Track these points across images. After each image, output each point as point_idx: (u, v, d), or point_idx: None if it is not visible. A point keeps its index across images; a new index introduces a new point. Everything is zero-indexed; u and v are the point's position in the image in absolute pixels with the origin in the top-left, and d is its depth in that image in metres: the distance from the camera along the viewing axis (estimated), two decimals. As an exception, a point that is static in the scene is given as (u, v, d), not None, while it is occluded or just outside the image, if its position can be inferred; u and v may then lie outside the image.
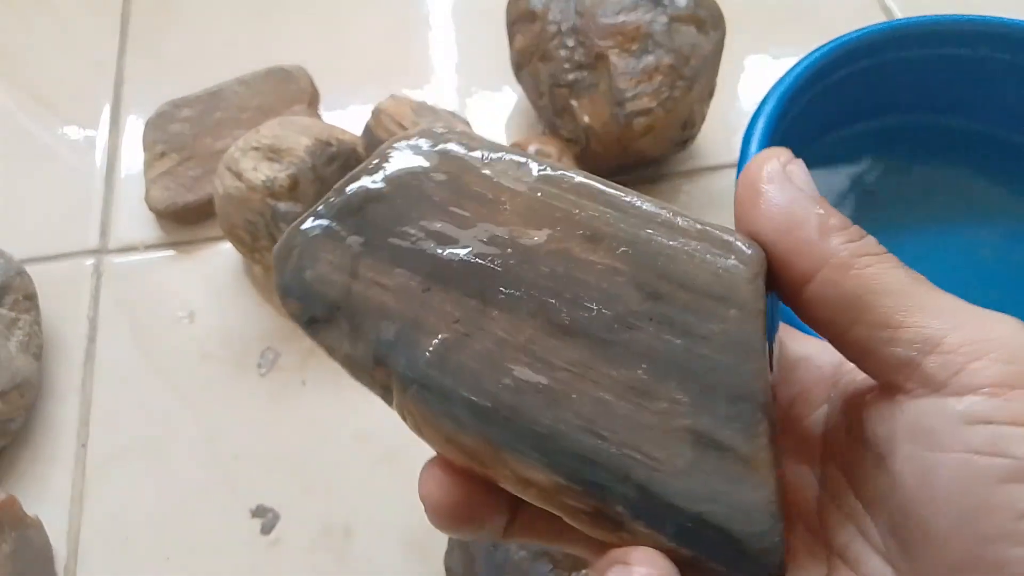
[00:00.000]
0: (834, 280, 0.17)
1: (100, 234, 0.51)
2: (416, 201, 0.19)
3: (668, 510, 0.17)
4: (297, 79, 0.54)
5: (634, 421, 0.17)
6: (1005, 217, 0.47)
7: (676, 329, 0.17)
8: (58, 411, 0.45)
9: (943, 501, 0.15)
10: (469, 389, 0.17)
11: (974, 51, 0.45)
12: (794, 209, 0.18)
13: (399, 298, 0.18)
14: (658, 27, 0.44)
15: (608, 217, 0.18)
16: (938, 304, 0.16)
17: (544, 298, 0.18)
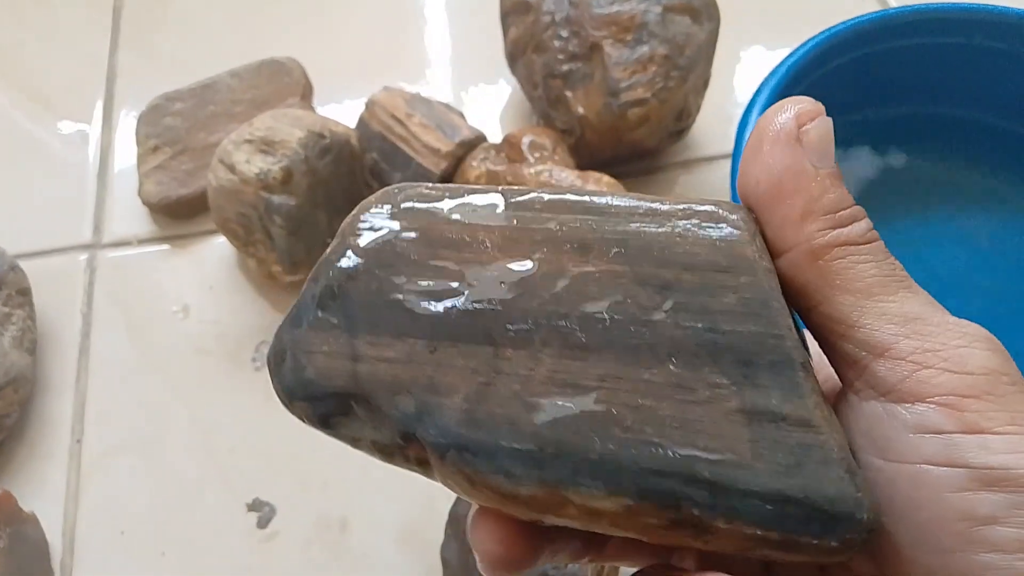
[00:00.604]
0: (799, 265, 0.17)
1: (93, 229, 0.51)
2: (394, 265, 0.18)
3: (744, 498, 0.16)
4: (290, 71, 0.54)
5: (682, 418, 0.16)
6: (1001, 205, 0.47)
7: (693, 313, 0.17)
8: (53, 406, 0.45)
9: (904, 513, 0.15)
10: (508, 438, 0.17)
11: (968, 39, 0.44)
12: (786, 179, 0.17)
13: (408, 367, 0.17)
14: (652, 17, 0.43)
15: (590, 224, 0.18)
16: (897, 309, 0.16)
17: (553, 323, 0.17)
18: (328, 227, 0.46)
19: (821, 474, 0.16)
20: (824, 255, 0.16)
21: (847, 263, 0.16)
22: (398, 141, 0.47)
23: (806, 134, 0.17)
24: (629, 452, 0.16)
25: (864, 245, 0.17)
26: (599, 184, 0.42)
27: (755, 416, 0.16)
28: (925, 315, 0.16)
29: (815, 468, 0.16)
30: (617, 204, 0.18)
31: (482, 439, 0.17)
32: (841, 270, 0.16)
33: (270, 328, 0.47)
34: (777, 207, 0.17)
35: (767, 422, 0.16)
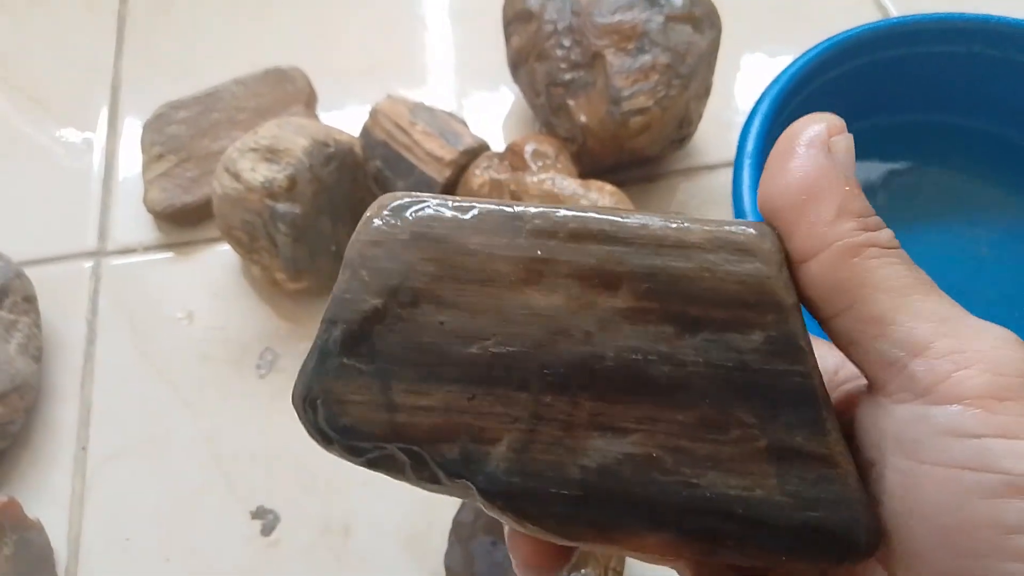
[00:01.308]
0: (833, 264, 0.17)
1: (98, 236, 0.52)
2: (417, 304, 0.18)
3: (772, 531, 0.17)
4: (294, 80, 0.54)
5: (716, 458, 0.17)
6: (1001, 213, 0.47)
7: (722, 351, 0.17)
8: (58, 413, 0.45)
9: (929, 516, 0.15)
10: (556, 484, 0.17)
11: (968, 48, 0.45)
12: (819, 181, 0.17)
13: (448, 415, 0.17)
14: (654, 26, 0.44)
15: (618, 255, 0.18)
16: (933, 308, 0.16)
17: (589, 365, 0.17)
18: (332, 234, 0.46)
19: (840, 505, 0.17)
20: (860, 253, 0.16)
21: (881, 263, 0.16)
22: (401, 149, 0.47)
23: (835, 144, 0.18)
24: (669, 493, 0.17)
25: (892, 250, 0.17)
26: (602, 192, 0.42)
27: (780, 452, 0.17)
28: (958, 316, 0.16)
29: (834, 501, 0.17)
30: (642, 233, 0.18)
31: (531, 487, 0.17)
32: (877, 268, 0.16)
33: (274, 335, 0.47)
34: (810, 208, 0.17)
35: (791, 458, 0.17)
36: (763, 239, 0.18)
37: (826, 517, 0.16)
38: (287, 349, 0.46)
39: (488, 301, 0.17)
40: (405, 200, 0.18)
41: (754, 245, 0.17)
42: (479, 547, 0.35)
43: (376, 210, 0.18)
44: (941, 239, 0.46)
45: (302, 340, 0.47)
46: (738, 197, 0.38)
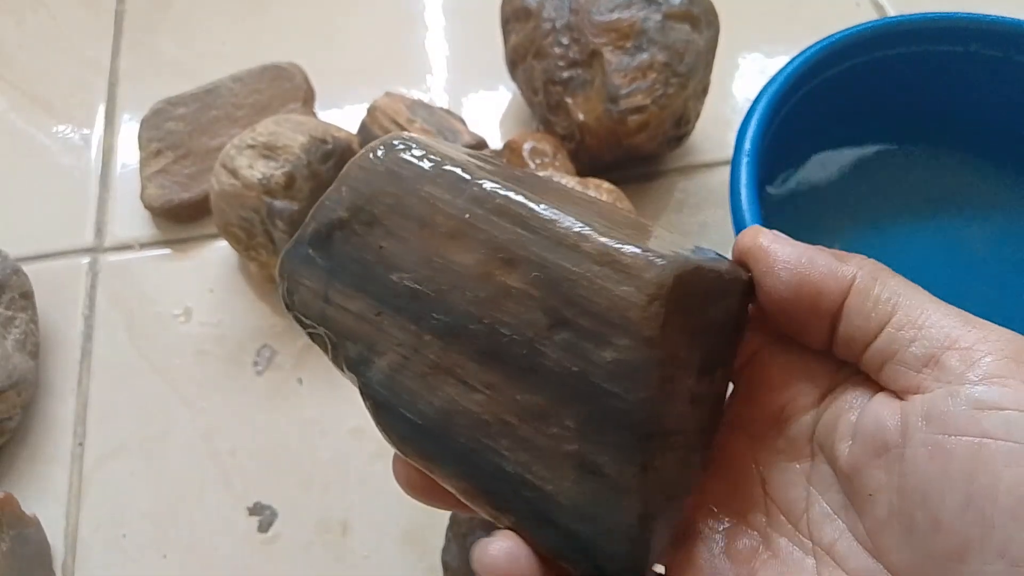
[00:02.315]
0: (864, 291, 0.19)
1: (96, 232, 0.51)
2: (370, 225, 0.21)
3: (548, 526, 0.18)
4: (292, 76, 0.54)
5: (531, 443, 0.18)
6: (997, 212, 0.47)
7: (576, 355, 0.18)
8: (55, 409, 0.45)
9: (954, 482, 0.16)
10: (407, 408, 0.20)
11: (965, 48, 0.45)
12: (803, 250, 0.20)
13: (359, 322, 0.21)
14: (652, 24, 0.44)
15: (523, 240, 0.19)
16: (947, 310, 0.18)
17: (467, 324, 0.19)
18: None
19: (612, 534, 0.18)
20: (880, 277, 0.19)
21: (898, 282, 0.19)
22: (399, 146, 0.47)
23: (780, 235, 0.21)
24: (482, 454, 0.19)
25: (893, 272, 0.20)
26: (599, 191, 0.42)
27: (584, 464, 0.18)
28: (967, 316, 0.18)
29: (609, 528, 0.18)
30: (549, 227, 0.19)
31: (391, 402, 0.20)
32: (900, 285, 0.19)
33: (271, 331, 0.47)
34: (815, 264, 0.20)
35: (591, 473, 0.18)
36: (654, 270, 0.17)
37: (594, 537, 0.18)
38: (284, 346, 0.46)
39: (419, 242, 0.20)
40: (398, 141, 0.21)
41: (638, 271, 0.18)
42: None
43: (378, 143, 0.21)
44: (938, 238, 0.47)
45: (299, 337, 0.47)
46: (735, 194, 0.38)
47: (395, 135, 0.21)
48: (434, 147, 0.21)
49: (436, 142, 0.22)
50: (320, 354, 0.46)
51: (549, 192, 0.20)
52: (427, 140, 0.21)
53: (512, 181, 0.20)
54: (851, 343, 0.19)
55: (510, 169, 0.22)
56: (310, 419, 0.44)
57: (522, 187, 0.20)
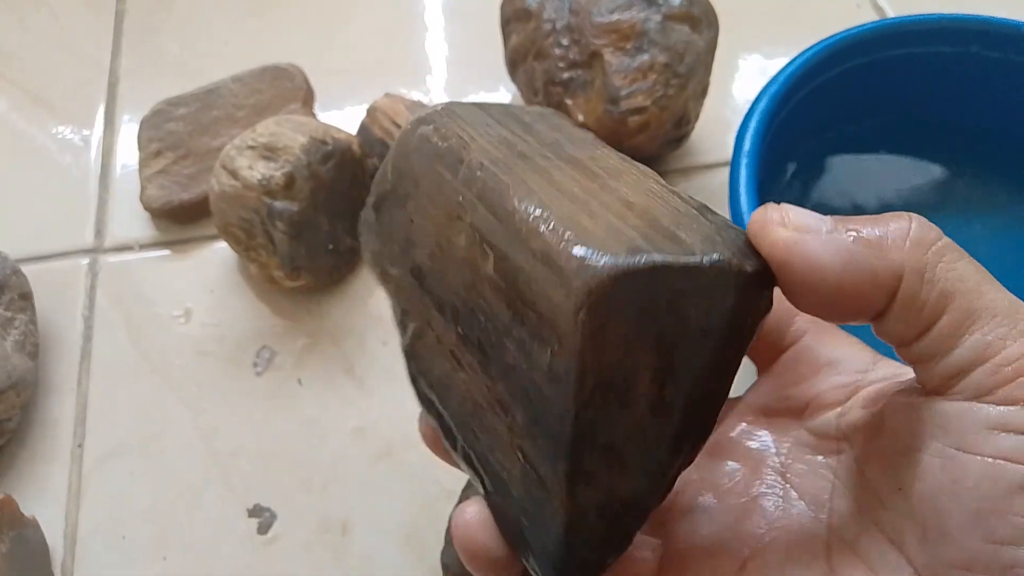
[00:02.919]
0: (910, 296, 0.16)
1: (95, 233, 0.51)
2: (405, 199, 0.22)
3: (504, 511, 0.20)
4: (292, 77, 0.54)
5: (494, 429, 0.19)
6: (999, 212, 0.47)
7: (524, 352, 0.18)
8: (54, 410, 0.45)
9: (965, 499, 0.16)
10: (418, 372, 0.22)
11: (965, 49, 0.45)
12: (834, 249, 0.17)
13: (399, 287, 0.22)
14: (652, 25, 0.44)
15: (493, 227, 0.18)
16: (1003, 306, 0.16)
17: (458, 306, 0.20)
18: (330, 232, 0.46)
19: (544, 532, 0.19)
20: (934, 264, 0.17)
21: (954, 270, 0.17)
22: (399, 147, 0.47)
23: (788, 212, 0.18)
24: (463, 432, 0.21)
25: (949, 247, 0.17)
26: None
27: (527, 460, 0.19)
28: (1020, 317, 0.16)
29: (542, 525, 0.19)
30: (514, 217, 0.18)
31: (412, 363, 0.22)
32: (954, 278, 0.17)
33: (271, 332, 0.47)
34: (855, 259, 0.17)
35: (531, 470, 0.19)
36: (583, 276, 0.16)
37: (532, 531, 0.19)
38: (284, 347, 0.46)
39: (433, 221, 0.20)
40: (426, 115, 0.22)
41: (569, 275, 0.16)
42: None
43: (416, 116, 0.22)
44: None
45: (299, 338, 0.47)
46: (735, 195, 0.38)
47: (435, 108, 0.22)
48: (453, 123, 0.21)
49: (476, 110, 0.22)
50: (320, 355, 0.46)
51: (564, 168, 0.19)
52: (461, 111, 0.21)
53: (518, 158, 0.19)
54: (889, 338, 0.18)
55: (551, 135, 0.22)
56: (310, 420, 0.44)
57: (521, 166, 0.19)
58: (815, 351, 0.21)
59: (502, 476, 0.19)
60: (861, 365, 0.20)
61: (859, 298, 0.17)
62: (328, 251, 0.46)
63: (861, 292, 0.16)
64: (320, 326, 0.47)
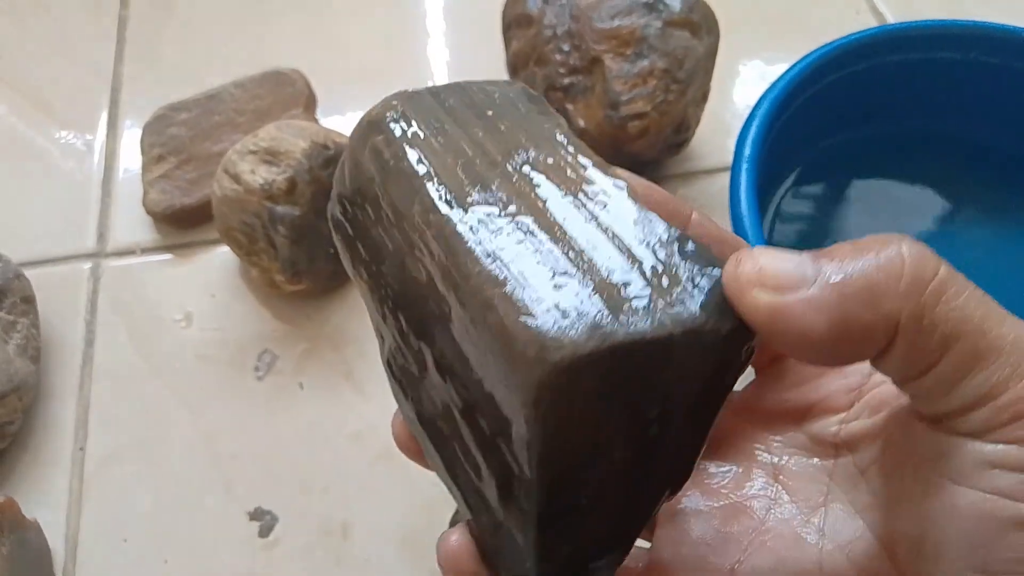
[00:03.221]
0: (909, 344, 0.15)
1: (97, 237, 0.52)
2: (363, 209, 0.20)
3: (483, 534, 0.20)
4: (294, 82, 0.54)
5: (466, 472, 0.20)
6: (996, 217, 0.47)
7: (473, 378, 0.17)
8: (56, 413, 0.45)
9: (959, 530, 0.16)
10: (401, 391, 0.22)
11: (965, 55, 0.45)
12: (826, 312, 0.15)
13: (372, 294, 0.21)
14: (652, 31, 0.44)
15: (449, 279, 0.17)
16: (1007, 344, 0.15)
17: (424, 340, 0.19)
18: (331, 236, 0.46)
19: (520, 560, 0.18)
20: (934, 304, 0.15)
21: (958, 306, 0.15)
22: (401, 152, 0.47)
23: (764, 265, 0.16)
24: (440, 452, 0.21)
25: (953, 278, 0.15)
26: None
27: (501, 508, 0.18)
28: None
29: (519, 556, 0.18)
30: (467, 283, 0.16)
31: (394, 387, 0.23)
32: (957, 318, 0.15)
33: (272, 336, 0.47)
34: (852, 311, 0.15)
35: (504, 513, 0.18)
36: (539, 367, 0.14)
37: (506, 555, 0.19)
38: (285, 351, 0.46)
39: (393, 240, 0.19)
40: (377, 118, 0.20)
41: (526, 365, 0.15)
42: (476, 548, 0.35)
43: (366, 116, 0.20)
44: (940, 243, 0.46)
45: (300, 342, 0.47)
46: (735, 200, 0.38)
47: (387, 102, 0.20)
48: (407, 130, 0.19)
49: (433, 104, 0.20)
50: (320, 359, 0.46)
51: (523, 200, 0.17)
52: (415, 108, 0.19)
53: (475, 188, 0.18)
54: (886, 373, 0.17)
55: (512, 136, 0.19)
56: (310, 423, 0.44)
57: (477, 206, 0.17)
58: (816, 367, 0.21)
59: (476, 502, 0.19)
60: (867, 367, 0.19)
61: (853, 352, 0.16)
62: (329, 255, 0.46)
63: (855, 347, 0.15)
64: (321, 330, 0.47)
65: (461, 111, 0.20)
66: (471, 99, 0.20)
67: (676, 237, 0.17)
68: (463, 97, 0.20)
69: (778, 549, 0.20)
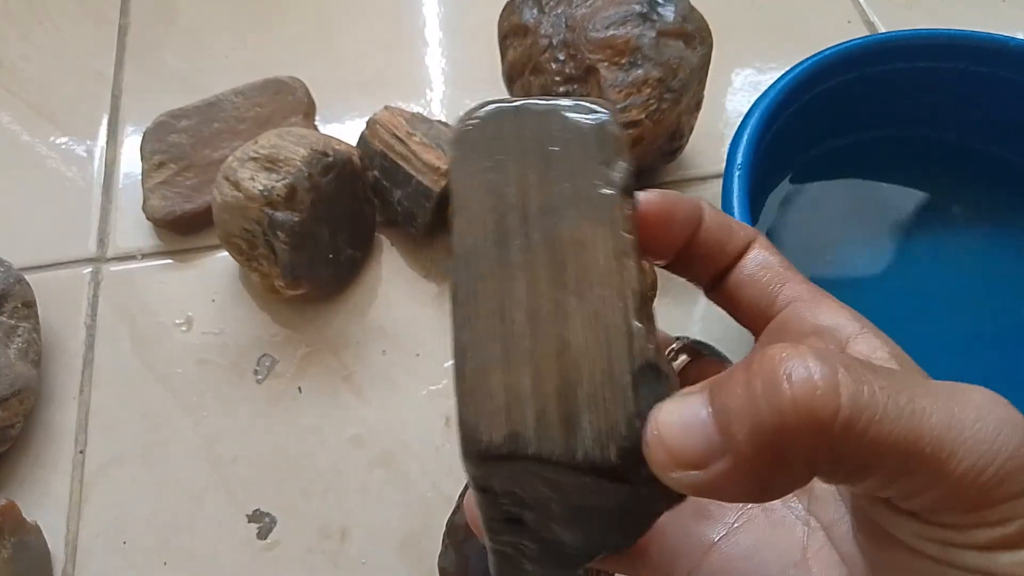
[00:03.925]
0: (831, 476, 0.15)
1: (98, 243, 0.52)
2: None
3: None
4: (294, 90, 0.55)
5: None
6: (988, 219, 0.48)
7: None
8: (57, 417, 0.45)
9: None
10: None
11: (955, 64, 0.46)
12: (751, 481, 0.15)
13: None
14: (646, 41, 0.45)
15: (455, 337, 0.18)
16: (935, 436, 0.14)
17: None
18: (330, 242, 0.46)
19: None
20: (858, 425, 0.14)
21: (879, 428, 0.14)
22: (399, 159, 0.48)
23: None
24: None
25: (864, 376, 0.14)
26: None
27: None
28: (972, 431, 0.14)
29: None
30: (459, 355, 0.17)
31: None
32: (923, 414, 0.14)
33: (272, 340, 0.47)
34: None
35: None
36: (464, 452, 0.16)
37: None
38: (284, 355, 0.47)
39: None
40: (459, 134, 0.19)
41: (460, 442, 0.17)
42: (473, 550, 0.36)
43: (454, 136, 0.20)
44: (927, 251, 0.47)
45: (300, 346, 0.47)
46: (727, 207, 0.38)
47: (469, 114, 0.19)
48: (465, 165, 0.19)
49: (507, 130, 0.19)
50: (320, 363, 0.47)
51: (536, 268, 0.18)
52: (488, 135, 0.19)
53: (495, 246, 0.18)
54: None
55: (564, 186, 0.19)
56: (309, 427, 0.45)
57: (489, 265, 0.18)
58: (802, 317, 0.20)
59: None
60: (847, 332, 0.19)
61: (784, 493, 0.15)
62: (328, 261, 0.47)
63: (784, 491, 0.15)
64: (320, 335, 0.48)
65: (530, 143, 0.19)
66: (548, 128, 0.19)
67: (646, 365, 0.16)
68: (543, 125, 0.19)
69: (764, 522, 0.20)
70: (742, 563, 0.19)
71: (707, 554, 0.20)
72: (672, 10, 0.46)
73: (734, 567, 0.19)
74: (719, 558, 0.20)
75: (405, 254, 0.51)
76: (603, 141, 0.19)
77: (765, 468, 0.14)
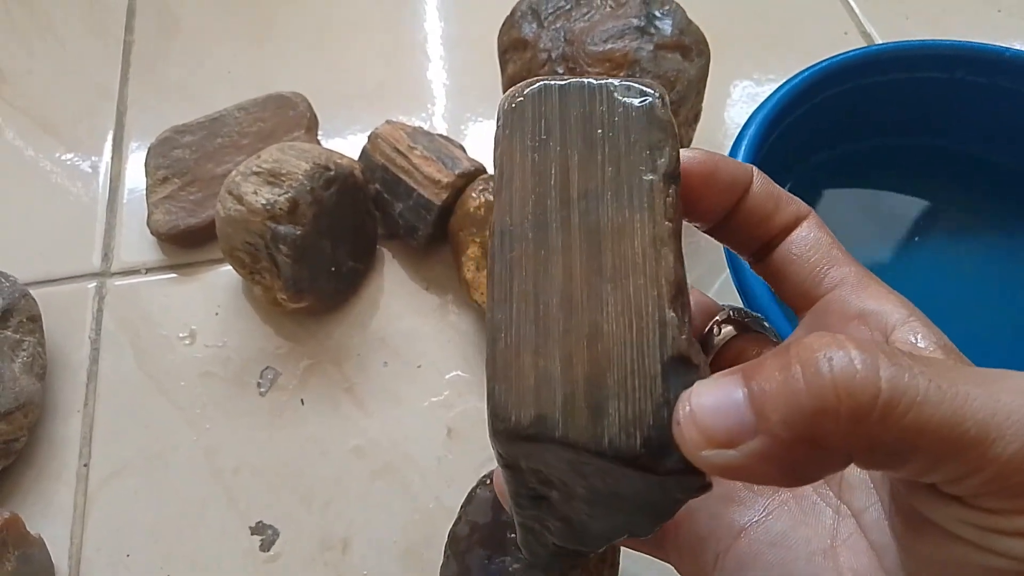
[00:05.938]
0: (867, 462, 0.15)
1: (103, 257, 0.53)
2: None
3: None
4: (296, 105, 0.55)
5: None
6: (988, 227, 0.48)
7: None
8: (61, 430, 0.46)
9: (938, 565, 0.16)
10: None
11: (951, 74, 0.46)
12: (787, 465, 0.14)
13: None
14: (644, 54, 0.45)
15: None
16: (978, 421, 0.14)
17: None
18: (332, 255, 0.47)
19: None
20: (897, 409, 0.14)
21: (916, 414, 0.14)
22: (400, 173, 0.48)
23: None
24: None
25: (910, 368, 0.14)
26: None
27: None
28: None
29: None
30: (492, 330, 0.17)
31: None
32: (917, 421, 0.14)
33: (275, 353, 0.48)
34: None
35: None
36: (492, 430, 0.17)
37: None
38: (287, 367, 0.47)
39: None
40: (512, 99, 0.19)
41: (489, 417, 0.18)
42: (475, 560, 0.36)
43: (508, 100, 0.20)
44: (925, 260, 0.47)
45: (302, 358, 0.47)
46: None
47: (516, 91, 0.19)
48: (513, 136, 0.19)
49: (559, 107, 0.19)
50: (322, 375, 0.47)
51: (573, 251, 0.18)
52: (541, 108, 0.19)
53: (534, 228, 0.18)
54: None
55: (607, 170, 0.18)
56: (312, 439, 0.45)
57: (526, 246, 0.18)
58: (847, 301, 0.20)
59: None
60: (893, 320, 0.19)
61: (815, 478, 0.15)
62: (330, 274, 0.47)
63: (815, 476, 0.15)
64: (322, 347, 0.48)
65: (576, 124, 0.19)
66: (593, 110, 0.19)
67: (678, 354, 0.16)
68: (588, 105, 0.19)
69: (793, 513, 0.19)
70: (770, 549, 0.19)
71: (736, 539, 0.20)
72: (670, 23, 0.46)
73: (762, 553, 0.19)
74: (748, 543, 0.19)
75: (406, 266, 0.51)
76: (651, 124, 0.19)
77: (800, 451, 0.14)
